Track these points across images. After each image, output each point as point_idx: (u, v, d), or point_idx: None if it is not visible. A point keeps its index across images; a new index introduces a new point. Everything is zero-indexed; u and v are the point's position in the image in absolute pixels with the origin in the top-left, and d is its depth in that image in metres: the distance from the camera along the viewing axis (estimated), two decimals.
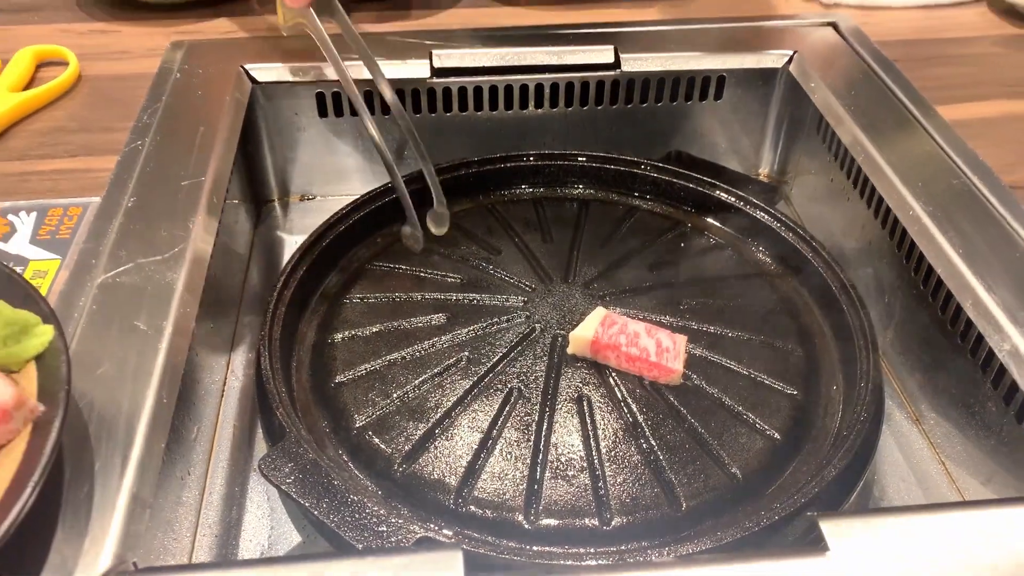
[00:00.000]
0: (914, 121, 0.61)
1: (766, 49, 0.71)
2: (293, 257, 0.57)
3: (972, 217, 0.52)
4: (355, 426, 0.49)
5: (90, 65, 0.66)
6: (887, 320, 0.58)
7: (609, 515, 0.45)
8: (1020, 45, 0.73)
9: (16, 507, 0.31)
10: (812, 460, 0.48)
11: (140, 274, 0.47)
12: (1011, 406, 0.45)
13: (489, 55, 0.67)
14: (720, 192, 0.65)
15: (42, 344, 0.37)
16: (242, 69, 0.65)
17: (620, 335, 0.51)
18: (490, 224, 0.64)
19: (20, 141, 0.59)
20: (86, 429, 0.39)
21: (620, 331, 0.51)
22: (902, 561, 0.34)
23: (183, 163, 0.55)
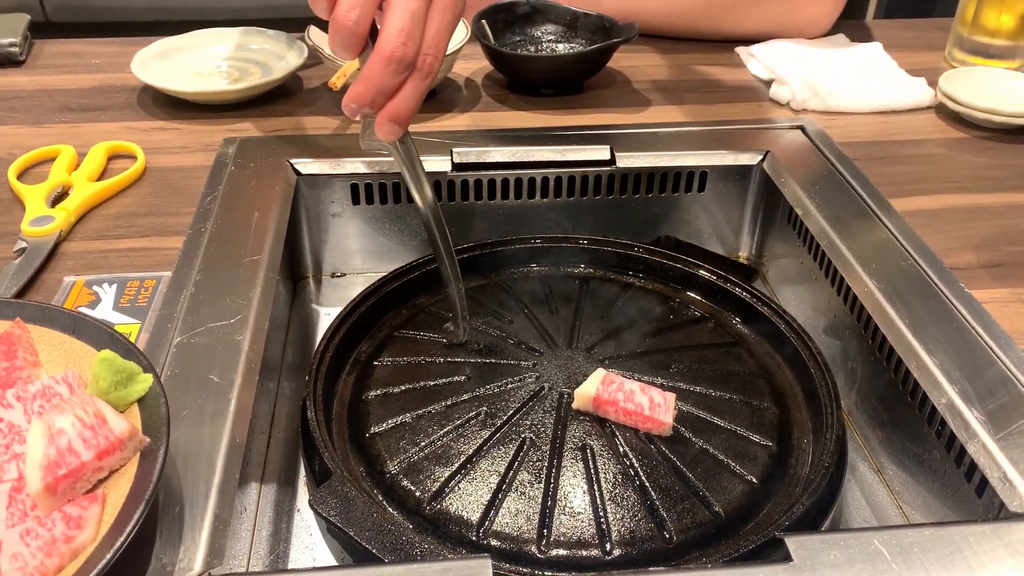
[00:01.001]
0: (871, 212, 0.69)
1: (743, 149, 0.78)
2: (332, 325, 0.65)
3: (918, 294, 0.60)
4: (388, 471, 0.56)
5: (154, 158, 0.75)
6: (851, 384, 0.65)
7: (610, 546, 0.51)
8: (963, 147, 0.80)
9: (133, 518, 0.38)
10: (784, 501, 0.55)
11: (211, 336, 0.54)
12: (951, 452, 0.53)
13: (501, 152, 0.76)
14: (704, 272, 0.72)
15: (144, 389, 0.44)
16: (288, 163, 0.74)
17: (618, 392, 0.58)
18: (502, 298, 0.71)
19: (98, 223, 0.67)
20: (174, 461, 0.46)
21: (618, 389, 0.58)
22: (854, 567, 0.41)
23: (242, 243, 0.63)
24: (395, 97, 0.54)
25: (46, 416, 0.41)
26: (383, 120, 0.55)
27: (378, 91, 0.54)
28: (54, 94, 0.87)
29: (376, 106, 0.55)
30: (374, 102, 0.54)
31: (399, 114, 0.55)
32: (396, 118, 0.55)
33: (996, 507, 0.48)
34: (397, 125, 0.55)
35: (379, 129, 0.56)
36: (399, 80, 0.54)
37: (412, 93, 0.55)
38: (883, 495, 0.60)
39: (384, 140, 0.56)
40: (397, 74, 0.53)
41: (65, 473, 0.39)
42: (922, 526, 0.44)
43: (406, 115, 0.55)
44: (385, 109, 0.55)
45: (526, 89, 0.89)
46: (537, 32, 0.96)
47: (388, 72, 0.53)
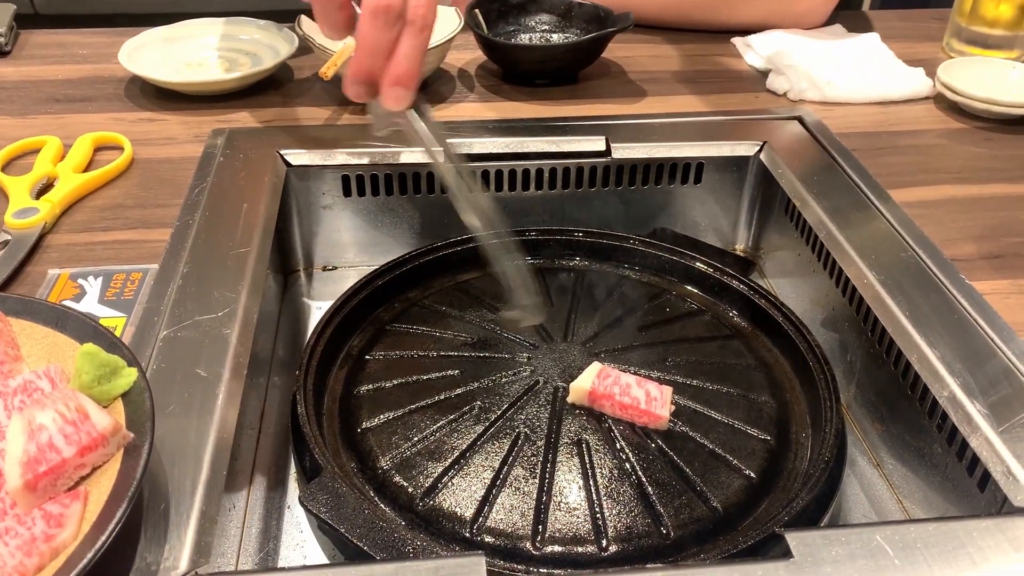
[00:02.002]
0: (869, 203, 0.68)
1: (739, 139, 0.77)
2: (323, 319, 0.64)
3: (918, 286, 0.59)
4: (380, 466, 0.55)
5: (141, 149, 0.74)
6: (850, 377, 0.64)
7: (606, 542, 0.50)
8: (961, 138, 0.79)
9: (116, 516, 0.37)
10: (783, 496, 0.54)
11: (198, 330, 0.53)
12: (952, 446, 0.52)
13: (495, 143, 0.75)
14: (700, 264, 0.71)
15: (128, 383, 0.43)
16: (278, 154, 0.73)
17: (614, 386, 0.57)
18: (497, 291, 0.70)
19: (84, 215, 0.66)
20: (160, 457, 0.45)
21: (614, 383, 0.57)
22: (855, 563, 0.40)
23: (230, 235, 0.62)
24: (393, 57, 0.51)
25: (27, 411, 0.40)
26: (388, 87, 0.51)
27: (373, 51, 0.50)
28: (40, 85, 0.85)
29: (376, 72, 0.51)
30: (373, 67, 0.51)
31: (402, 74, 0.51)
32: (400, 79, 0.51)
33: (999, 501, 0.47)
34: (403, 88, 0.52)
35: (386, 100, 0.52)
36: (391, 35, 0.50)
37: (410, 50, 0.51)
38: (883, 490, 0.59)
39: (395, 109, 0.52)
40: (388, 27, 0.50)
41: (46, 470, 0.38)
42: (924, 521, 0.43)
43: (409, 74, 0.51)
44: (387, 73, 0.51)
45: (520, 79, 0.87)
46: (531, 22, 0.95)
47: (377, 26, 0.50)
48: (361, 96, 0.53)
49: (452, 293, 0.70)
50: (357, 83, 0.52)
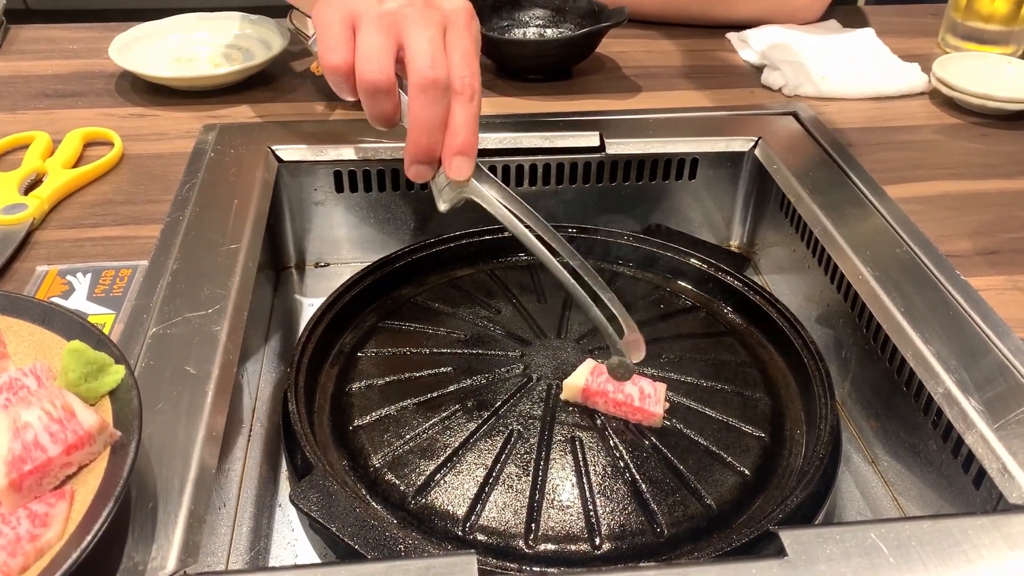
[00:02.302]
0: (864, 199, 0.68)
1: (734, 135, 0.77)
2: (314, 316, 0.63)
3: (913, 281, 0.59)
4: (372, 464, 0.54)
5: (132, 145, 0.73)
6: (844, 373, 0.64)
7: (599, 540, 0.50)
8: (957, 133, 0.79)
9: (102, 516, 0.37)
10: (778, 494, 0.54)
11: (187, 327, 0.53)
12: (947, 442, 0.52)
13: (488, 139, 0.74)
14: (695, 261, 0.71)
15: (115, 381, 0.43)
16: (269, 149, 0.72)
17: (608, 383, 0.56)
18: (490, 287, 0.70)
19: (73, 211, 0.65)
20: (148, 456, 0.44)
21: (608, 380, 0.57)
22: (850, 561, 0.40)
23: (221, 231, 0.61)
24: (449, 128, 0.52)
25: (12, 409, 0.39)
26: (449, 157, 0.52)
27: (429, 127, 0.51)
28: (29, 80, 0.85)
29: (435, 148, 0.52)
30: (431, 144, 0.51)
31: (461, 145, 0.52)
32: (460, 149, 0.52)
33: (995, 499, 0.47)
34: (465, 156, 0.52)
35: (450, 171, 0.52)
36: (442, 107, 0.51)
37: (464, 118, 0.52)
38: (878, 487, 0.59)
39: (459, 179, 0.53)
40: (438, 100, 0.51)
41: (31, 469, 0.38)
42: (919, 519, 0.43)
43: (468, 142, 0.52)
44: (447, 146, 0.52)
45: (514, 74, 0.87)
46: (525, 16, 0.94)
47: (429, 101, 0.50)
48: (423, 175, 0.53)
49: (445, 290, 0.70)
50: (418, 163, 0.52)
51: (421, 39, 0.51)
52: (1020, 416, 0.49)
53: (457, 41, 0.53)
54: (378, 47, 0.51)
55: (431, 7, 0.53)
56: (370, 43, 0.51)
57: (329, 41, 0.52)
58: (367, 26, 0.52)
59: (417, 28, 0.52)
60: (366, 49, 0.51)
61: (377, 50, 0.51)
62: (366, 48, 0.51)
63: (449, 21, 0.53)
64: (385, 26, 0.52)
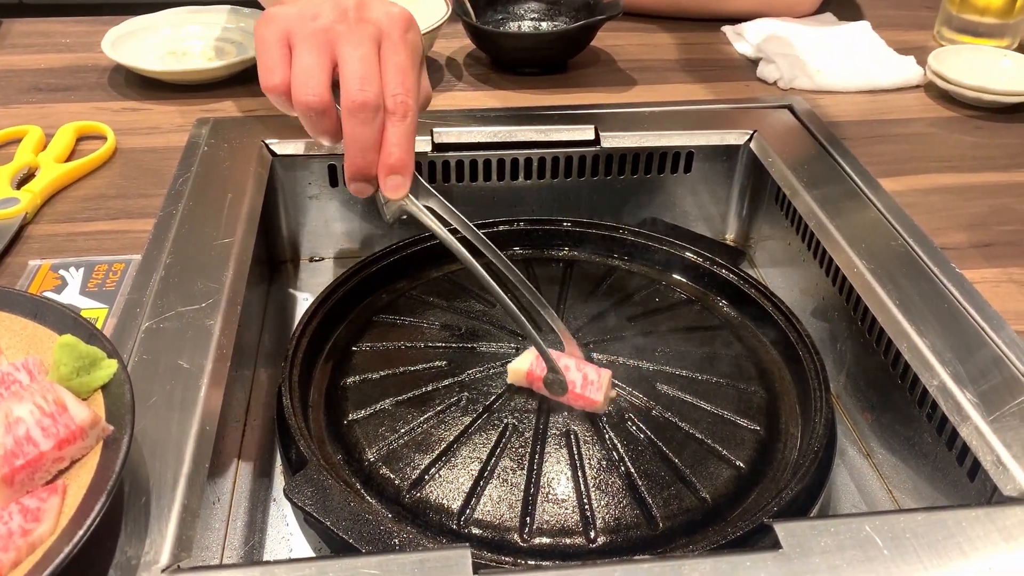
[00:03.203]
0: (860, 192, 0.68)
1: (729, 128, 0.77)
2: (309, 310, 0.63)
3: (908, 274, 0.59)
4: (367, 459, 0.54)
5: (124, 139, 0.73)
6: (840, 366, 0.64)
7: (594, 534, 0.50)
8: (952, 126, 0.79)
9: (94, 510, 0.37)
10: (773, 487, 0.54)
11: (181, 321, 0.53)
12: (942, 435, 0.52)
13: (483, 132, 0.74)
14: (690, 254, 0.70)
15: (108, 375, 0.43)
16: (263, 143, 0.72)
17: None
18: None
19: (66, 206, 0.65)
20: (141, 451, 0.44)
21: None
22: (844, 553, 0.40)
23: (214, 225, 0.61)
24: (383, 148, 0.51)
25: (3, 404, 0.39)
26: (384, 176, 0.52)
27: (361, 148, 0.51)
28: (22, 74, 0.84)
29: (371, 167, 0.51)
30: (366, 162, 0.51)
31: (394, 164, 0.51)
32: (393, 168, 0.51)
33: (989, 491, 0.47)
34: (399, 175, 0.52)
35: (385, 190, 0.52)
36: (374, 129, 0.50)
37: (397, 138, 0.51)
38: (873, 479, 0.59)
39: (395, 197, 0.52)
40: (368, 122, 0.50)
41: (23, 464, 0.38)
42: (914, 511, 0.43)
43: (402, 161, 0.51)
44: (380, 165, 0.51)
45: (509, 68, 0.87)
46: (520, 10, 0.94)
47: (359, 123, 0.50)
48: (363, 191, 0.53)
49: (440, 284, 0.70)
50: (355, 180, 0.52)
51: (352, 58, 0.50)
52: (1015, 409, 0.49)
53: (391, 56, 0.52)
54: (312, 68, 0.50)
55: (364, 22, 0.52)
56: (304, 64, 0.51)
57: (266, 62, 0.51)
58: (301, 45, 0.51)
59: (349, 47, 0.51)
60: (301, 71, 0.51)
61: (311, 71, 0.50)
62: (301, 70, 0.51)
63: (384, 34, 0.52)
64: (318, 44, 0.51)
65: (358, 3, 0.52)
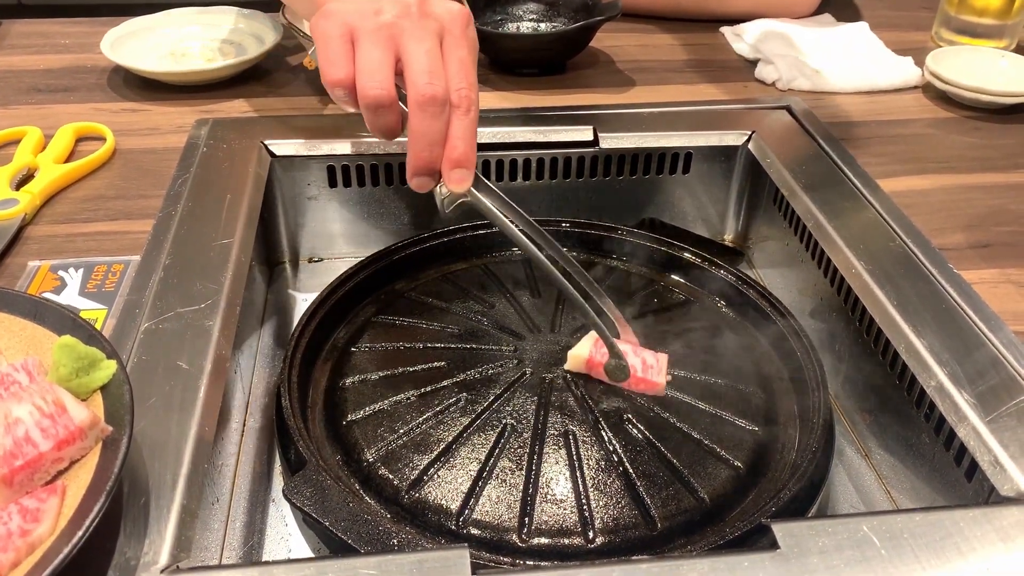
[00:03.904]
0: (858, 193, 0.68)
1: (728, 129, 0.77)
2: (308, 311, 0.63)
3: (906, 275, 0.59)
4: (366, 459, 0.54)
5: (124, 140, 0.73)
6: (838, 367, 0.64)
7: (592, 534, 0.50)
8: (950, 127, 0.79)
9: (93, 511, 0.37)
10: (771, 487, 0.54)
11: (180, 321, 0.53)
12: (940, 435, 0.52)
13: (483, 134, 0.74)
14: (689, 255, 0.71)
15: (107, 376, 0.43)
16: (262, 144, 0.72)
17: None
18: (484, 282, 0.70)
19: (65, 207, 0.65)
20: (140, 451, 0.44)
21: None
22: (842, 553, 0.40)
23: (213, 226, 0.61)
24: (448, 141, 0.52)
25: (2, 405, 0.39)
26: (448, 170, 0.52)
27: (429, 142, 0.51)
28: (21, 75, 0.84)
29: (435, 161, 0.52)
30: (432, 157, 0.51)
31: (460, 157, 0.52)
32: (459, 162, 0.52)
33: (986, 491, 0.47)
34: (464, 169, 0.52)
35: (449, 182, 0.52)
36: (442, 122, 0.51)
37: (462, 131, 0.51)
38: (871, 480, 0.59)
39: (459, 191, 0.53)
40: (437, 116, 0.50)
41: (22, 464, 0.38)
42: (911, 511, 0.43)
43: (467, 155, 0.52)
44: (446, 159, 0.52)
45: (507, 69, 0.87)
46: (519, 11, 0.94)
47: (428, 116, 0.50)
48: (425, 186, 0.53)
49: (439, 284, 0.70)
50: (419, 175, 0.52)
51: (418, 53, 0.51)
52: (1012, 409, 0.49)
53: (454, 50, 0.52)
54: (378, 62, 0.51)
55: (427, 17, 0.53)
56: (370, 58, 0.51)
57: (329, 56, 0.52)
58: (366, 40, 0.52)
59: (414, 41, 0.51)
60: (366, 65, 0.51)
61: (377, 65, 0.51)
62: (366, 63, 0.51)
63: (446, 30, 0.53)
64: (383, 39, 0.51)
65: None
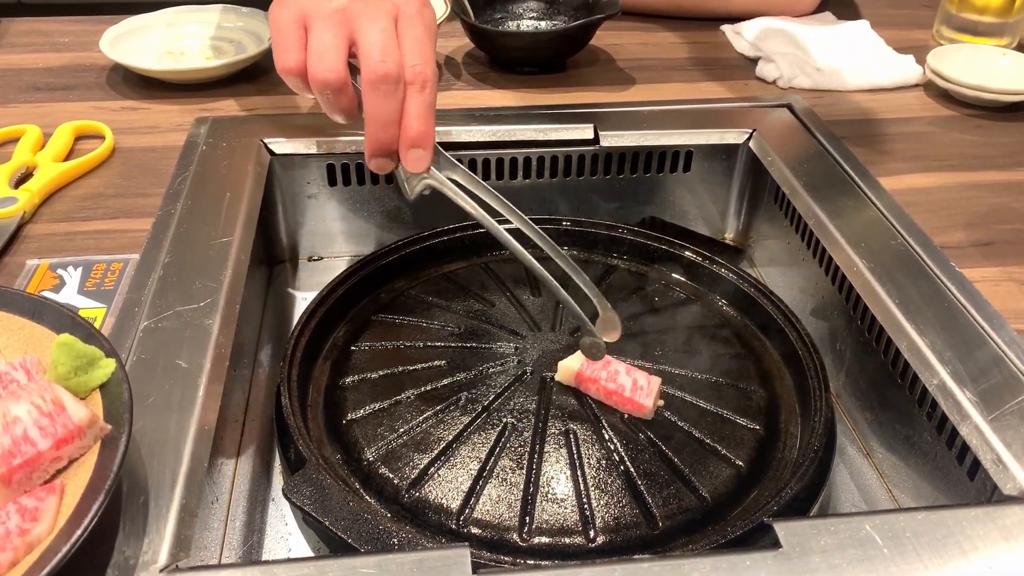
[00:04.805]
0: (859, 191, 0.68)
1: (729, 127, 0.77)
2: (307, 309, 0.63)
3: (907, 273, 0.58)
4: (366, 458, 0.54)
5: (123, 138, 0.73)
6: (839, 365, 0.64)
7: (593, 533, 0.50)
8: (952, 125, 0.79)
9: (92, 510, 0.36)
10: (772, 486, 0.54)
11: (179, 320, 0.52)
12: (942, 434, 0.51)
13: (482, 131, 0.74)
14: (690, 253, 0.70)
15: (106, 375, 0.42)
16: (261, 142, 0.72)
17: (602, 370, 0.56)
18: (484, 280, 0.70)
19: (64, 205, 0.65)
20: (139, 450, 0.44)
21: (603, 367, 0.56)
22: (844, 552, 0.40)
23: (212, 225, 0.61)
24: (404, 121, 0.51)
25: (1, 404, 0.39)
26: (405, 150, 0.51)
27: (384, 122, 0.50)
28: (20, 73, 0.84)
29: (392, 141, 0.51)
30: (387, 137, 0.51)
31: (415, 136, 0.51)
32: (415, 141, 0.51)
33: (989, 490, 0.46)
34: (420, 149, 0.51)
35: (407, 164, 0.52)
36: (396, 101, 0.50)
37: (417, 110, 0.51)
38: (872, 478, 0.59)
39: (418, 171, 0.52)
40: (390, 95, 0.50)
41: (20, 463, 0.37)
42: (914, 510, 0.42)
43: (423, 134, 0.51)
44: (401, 139, 0.51)
45: (507, 67, 0.87)
46: (519, 9, 0.94)
47: (381, 95, 0.50)
48: (384, 167, 0.53)
49: (439, 283, 0.70)
50: (376, 156, 0.52)
51: (371, 32, 0.51)
52: (1014, 408, 0.48)
53: (408, 29, 0.52)
54: (328, 45, 0.51)
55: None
56: (321, 41, 0.51)
57: (282, 43, 0.52)
58: (318, 24, 0.51)
59: (367, 21, 0.51)
60: (317, 48, 0.51)
61: (328, 48, 0.51)
62: (317, 47, 0.51)
63: (400, 10, 0.52)
64: (336, 22, 0.51)
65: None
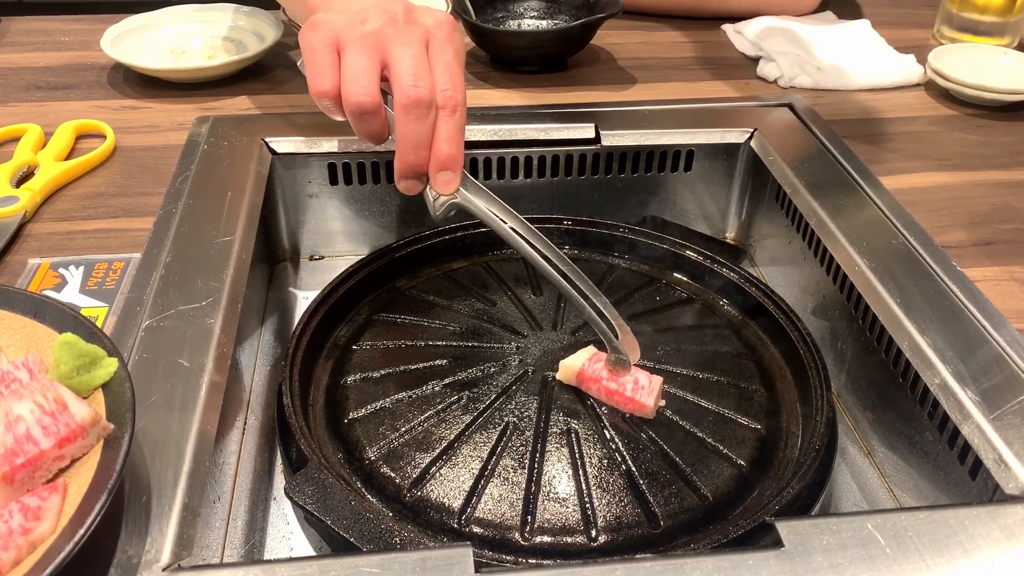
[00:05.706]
0: (860, 190, 0.68)
1: (730, 127, 0.77)
2: (309, 308, 0.63)
3: (909, 273, 0.58)
4: (367, 457, 0.54)
5: (124, 137, 0.73)
6: (840, 364, 0.64)
7: (595, 532, 0.50)
8: (953, 124, 0.79)
9: (95, 509, 0.36)
10: (773, 485, 0.54)
11: (181, 319, 0.52)
12: (944, 434, 0.51)
13: (483, 131, 0.74)
14: (691, 253, 0.71)
15: (108, 374, 0.42)
16: (263, 142, 0.72)
17: (603, 370, 0.56)
18: (485, 280, 0.70)
19: (66, 204, 0.65)
20: (141, 449, 0.44)
21: (604, 367, 0.56)
22: (846, 552, 0.40)
23: (214, 224, 0.61)
24: (434, 144, 0.52)
25: (3, 403, 0.39)
26: (435, 172, 0.52)
27: (415, 145, 0.51)
28: (21, 72, 0.84)
29: (422, 164, 0.52)
30: (418, 160, 0.52)
31: (445, 159, 0.52)
32: (444, 164, 0.52)
33: (991, 489, 0.46)
34: (450, 171, 0.52)
35: (437, 185, 0.53)
36: (427, 125, 0.51)
37: (448, 133, 0.52)
38: (873, 478, 0.59)
39: (445, 193, 0.53)
40: (421, 118, 0.51)
41: (23, 462, 0.37)
42: (916, 509, 0.43)
43: (452, 157, 0.52)
44: (432, 161, 0.52)
45: (509, 66, 0.87)
46: (520, 8, 0.94)
47: (413, 119, 0.51)
48: (412, 189, 0.53)
49: (440, 282, 0.70)
50: (406, 177, 0.53)
51: (404, 56, 0.51)
52: (1016, 407, 0.49)
53: (439, 54, 0.53)
54: (362, 68, 0.51)
55: (413, 23, 0.53)
56: (355, 65, 0.52)
57: (316, 67, 0.52)
58: (351, 48, 0.52)
59: (400, 46, 0.52)
60: (351, 72, 0.52)
61: (361, 72, 0.51)
62: (351, 70, 0.52)
63: (431, 35, 0.53)
64: (368, 46, 0.52)
65: (406, 8, 0.54)
